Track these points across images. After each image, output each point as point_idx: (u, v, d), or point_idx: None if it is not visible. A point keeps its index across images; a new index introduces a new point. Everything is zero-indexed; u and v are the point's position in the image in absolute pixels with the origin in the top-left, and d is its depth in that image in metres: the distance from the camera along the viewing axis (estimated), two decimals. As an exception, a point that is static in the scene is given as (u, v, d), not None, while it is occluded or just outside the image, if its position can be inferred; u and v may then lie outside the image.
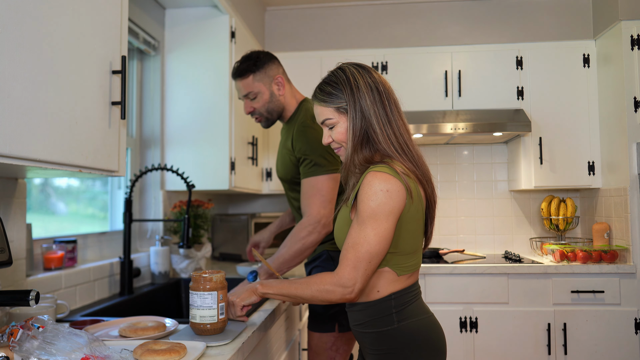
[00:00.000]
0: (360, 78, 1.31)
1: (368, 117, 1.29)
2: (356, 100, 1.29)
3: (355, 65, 1.36)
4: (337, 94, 1.32)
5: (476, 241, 3.57)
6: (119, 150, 1.30)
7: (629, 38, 2.89)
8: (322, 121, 1.36)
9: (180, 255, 2.37)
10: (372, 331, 1.31)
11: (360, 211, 1.24)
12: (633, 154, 2.85)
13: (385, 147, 1.29)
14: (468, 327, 2.91)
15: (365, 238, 1.22)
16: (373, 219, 1.22)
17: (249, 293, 1.39)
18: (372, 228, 1.22)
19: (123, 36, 1.32)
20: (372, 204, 1.22)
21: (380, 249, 1.23)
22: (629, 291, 2.84)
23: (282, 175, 1.94)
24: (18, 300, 1.09)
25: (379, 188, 1.22)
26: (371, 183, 1.23)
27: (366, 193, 1.23)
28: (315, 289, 1.26)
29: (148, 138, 2.51)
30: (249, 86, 1.86)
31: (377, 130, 1.28)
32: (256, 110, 1.89)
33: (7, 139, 0.88)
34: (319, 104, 1.35)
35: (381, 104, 1.30)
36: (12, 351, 0.94)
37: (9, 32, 0.89)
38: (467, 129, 3.06)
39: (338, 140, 1.34)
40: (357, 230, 1.23)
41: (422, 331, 1.30)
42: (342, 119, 1.32)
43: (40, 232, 1.79)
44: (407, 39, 3.47)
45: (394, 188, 1.22)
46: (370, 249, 1.22)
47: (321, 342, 1.85)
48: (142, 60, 2.51)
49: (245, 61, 1.87)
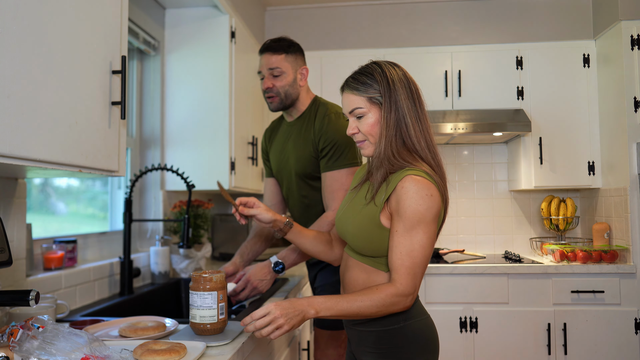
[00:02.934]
0: (395, 73, 1.32)
1: (402, 112, 1.29)
2: (392, 93, 1.29)
3: (389, 62, 1.36)
4: (372, 84, 1.31)
5: (476, 241, 3.57)
6: (119, 150, 1.30)
7: (629, 38, 2.89)
8: (352, 110, 1.33)
9: (180, 255, 2.37)
10: (376, 329, 1.30)
11: (407, 216, 1.22)
12: (633, 154, 2.85)
13: (415, 143, 1.29)
14: (468, 327, 2.91)
15: (420, 244, 1.23)
16: (424, 223, 1.23)
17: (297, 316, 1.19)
18: (424, 232, 1.23)
19: (123, 36, 1.32)
20: (421, 208, 1.22)
21: (431, 251, 1.26)
22: (629, 291, 2.84)
23: (298, 170, 1.89)
24: (18, 300, 1.09)
25: (425, 193, 1.22)
26: (417, 187, 1.23)
27: (412, 197, 1.22)
28: (379, 304, 1.21)
29: (148, 138, 2.51)
30: (278, 62, 1.85)
31: (410, 126, 1.29)
32: (275, 87, 1.86)
33: (7, 139, 0.88)
34: (350, 92, 1.33)
35: (413, 101, 1.31)
36: (12, 351, 0.94)
37: (9, 32, 0.89)
38: (467, 129, 3.06)
39: (365, 132, 1.32)
40: (409, 237, 1.23)
41: (423, 331, 1.31)
42: (373, 110, 1.31)
43: (40, 232, 1.79)
44: (407, 39, 3.47)
45: (435, 193, 1.24)
46: (427, 254, 1.24)
47: (330, 340, 1.86)
48: (142, 60, 2.51)
49: (281, 40, 1.88)
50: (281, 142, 1.97)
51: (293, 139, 1.91)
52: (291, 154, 1.91)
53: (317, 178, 1.86)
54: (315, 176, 1.86)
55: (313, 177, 1.87)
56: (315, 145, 1.81)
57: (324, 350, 1.88)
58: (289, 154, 1.92)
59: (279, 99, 1.87)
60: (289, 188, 1.96)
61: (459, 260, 3.08)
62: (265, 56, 1.87)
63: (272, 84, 1.86)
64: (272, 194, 2.08)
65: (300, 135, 1.88)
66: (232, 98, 2.55)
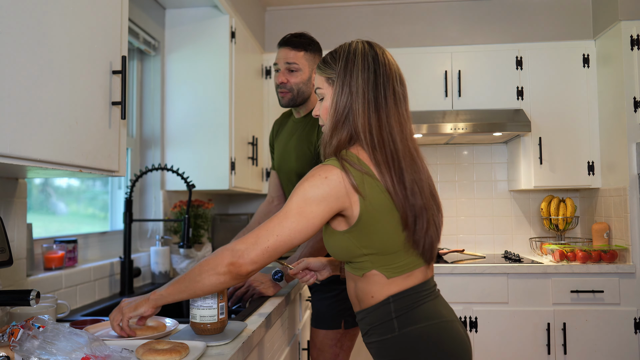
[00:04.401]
0: (361, 54, 1.21)
1: (355, 95, 1.18)
2: (346, 74, 1.20)
3: (367, 42, 1.26)
4: (331, 64, 1.23)
5: (476, 241, 3.57)
6: (119, 150, 1.30)
7: (628, 38, 2.90)
8: (315, 90, 1.29)
9: (180, 255, 2.38)
10: (374, 341, 1.22)
11: (291, 194, 1.16)
12: (632, 154, 2.85)
13: (360, 132, 1.17)
14: (468, 327, 2.91)
15: (285, 214, 1.14)
16: (303, 199, 1.14)
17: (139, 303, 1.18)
18: (297, 207, 1.14)
19: (123, 36, 1.32)
20: (306, 183, 1.15)
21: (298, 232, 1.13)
22: (628, 291, 2.84)
23: (297, 170, 1.90)
24: (18, 300, 1.09)
25: (317, 172, 1.15)
26: (313, 170, 1.17)
27: (305, 176, 1.17)
28: (198, 267, 1.13)
29: (148, 138, 2.51)
30: (297, 58, 1.85)
31: (359, 112, 1.17)
32: (289, 83, 1.86)
33: (8, 139, 0.88)
34: (316, 72, 1.29)
35: (374, 86, 1.19)
36: (13, 351, 0.94)
37: (9, 33, 0.89)
38: (466, 129, 3.07)
39: (321, 115, 1.26)
40: (284, 208, 1.15)
41: (432, 337, 1.16)
42: (329, 91, 1.24)
43: (40, 232, 1.79)
44: (407, 39, 3.47)
45: (334, 178, 1.14)
46: (286, 226, 1.14)
47: (327, 339, 1.86)
48: (142, 61, 2.51)
49: (302, 37, 1.88)
50: (285, 138, 1.98)
51: (297, 137, 1.91)
52: (293, 151, 1.92)
53: None
54: None
55: None
56: (317, 148, 1.82)
57: (319, 349, 1.89)
58: (291, 151, 1.93)
59: (291, 95, 1.87)
60: (288, 185, 1.98)
61: (458, 260, 3.08)
62: (285, 50, 1.87)
63: (286, 79, 1.86)
64: (276, 187, 2.11)
65: (303, 134, 1.89)
66: (232, 98, 2.55)
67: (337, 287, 1.89)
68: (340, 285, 1.89)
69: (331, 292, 1.89)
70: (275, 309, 1.70)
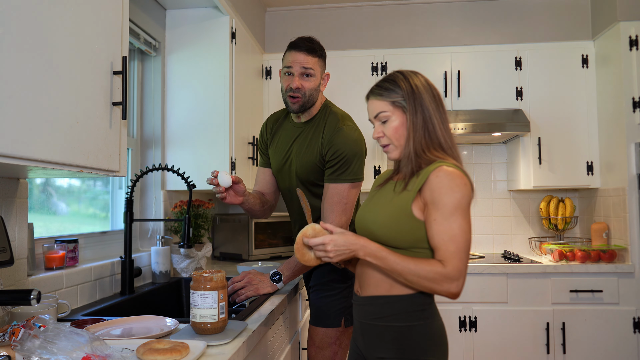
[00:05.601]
0: (417, 79, 1.39)
1: (428, 113, 1.35)
2: (417, 97, 1.35)
3: (411, 70, 1.44)
4: (394, 89, 1.37)
5: (475, 241, 3.58)
6: (120, 151, 1.31)
7: (627, 39, 2.90)
8: (376, 115, 1.39)
9: (181, 254, 2.38)
10: (398, 325, 1.31)
11: (445, 204, 1.26)
12: (631, 154, 2.86)
13: (442, 142, 1.35)
14: (467, 327, 2.92)
15: (461, 228, 1.25)
16: (461, 209, 1.26)
17: (346, 253, 1.29)
18: (463, 218, 1.26)
19: (124, 37, 1.33)
20: (458, 195, 1.26)
21: (471, 238, 1.28)
22: (627, 291, 2.85)
23: (301, 176, 1.90)
24: (19, 299, 1.10)
25: (459, 181, 1.27)
26: (451, 177, 1.27)
27: (447, 185, 1.26)
28: (423, 275, 1.24)
29: (149, 138, 2.52)
30: (313, 63, 1.83)
31: (437, 126, 1.35)
32: (304, 88, 1.83)
33: (9, 139, 0.89)
34: (374, 98, 1.40)
35: (436, 104, 1.37)
36: (14, 350, 0.94)
37: (10, 33, 0.89)
38: (466, 129, 3.07)
39: (389, 135, 1.37)
40: (448, 224, 1.25)
41: (440, 331, 1.35)
42: (397, 113, 1.37)
43: (41, 231, 1.80)
44: (406, 39, 3.48)
45: (467, 182, 1.29)
46: (468, 239, 1.26)
47: (326, 337, 1.87)
48: (142, 61, 2.52)
49: (312, 42, 1.86)
50: (285, 142, 1.96)
51: (299, 143, 1.90)
52: (295, 158, 1.91)
53: (318, 185, 1.88)
54: (316, 184, 1.87)
55: (315, 184, 1.88)
56: (322, 155, 1.82)
57: (319, 347, 1.89)
58: (293, 157, 1.91)
59: (303, 101, 1.84)
60: (290, 190, 1.97)
61: (458, 260, 3.08)
62: (300, 54, 1.82)
63: (301, 84, 1.82)
64: (266, 184, 2.09)
65: (307, 140, 1.88)
66: (233, 98, 2.55)
67: (337, 286, 1.90)
68: (340, 284, 1.90)
69: (331, 291, 1.90)
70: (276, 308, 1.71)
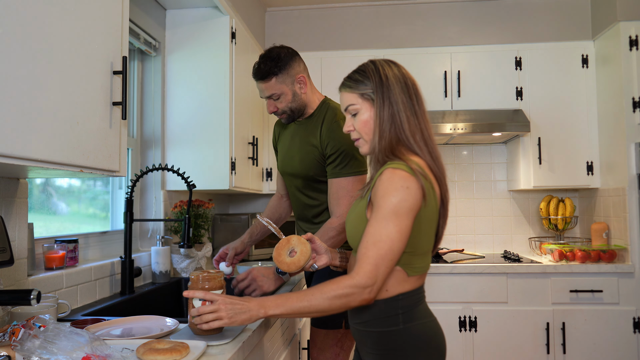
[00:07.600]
0: (389, 69, 1.33)
1: (396, 106, 1.29)
2: (385, 89, 1.30)
3: (385, 59, 1.38)
4: (364, 81, 1.32)
5: (475, 241, 3.58)
6: (120, 151, 1.31)
7: (627, 39, 2.90)
8: (346, 107, 1.35)
9: (181, 254, 2.38)
10: (376, 330, 1.28)
11: (380, 207, 1.20)
12: (631, 154, 2.86)
13: (409, 136, 1.29)
14: (467, 327, 2.92)
15: (388, 235, 1.18)
16: (395, 215, 1.18)
17: (243, 313, 1.19)
18: (395, 225, 1.18)
19: (124, 37, 1.33)
20: (394, 199, 1.19)
21: (401, 246, 1.20)
22: (627, 290, 2.85)
23: (301, 172, 1.90)
24: (19, 299, 1.10)
25: (400, 184, 1.20)
26: (391, 179, 1.21)
27: (386, 189, 1.20)
28: (332, 296, 1.17)
29: (149, 138, 2.52)
30: (271, 88, 1.81)
31: (404, 119, 1.29)
32: (279, 109, 1.86)
33: (9, 139, 0.89)
34: (344, 90, 1.35)
35: (408, 95, 1.31)
36: (14, 350, 0.94)
37: (10, 33, 0.90)
38: (466, 129, 3.07)
39: (359, 129, 1.33)
40: (378, 227, 1.19)
41: (427, 334, 1.27)
42: (365, 106, 1.32)
43: (41, 231, 1.80)
44: (406, 39, 3.48)
45: (413, 186, 1.21)
46: (394, 248, 1.18)
47: (327, 339, 1.86)
48: (142, 61, 2.52)
49: (266, 61, 1.79)
50: (288, 140, 1.98)
51: (299, 140, 1.91)
52: (296, 154, 1.92)
53: (319, 181, 1.88)
54: (317, 179, 1.87)
55: (316, 180, 1.88)
56: (321, 150, 1.82)
57: (320, 348, 1.89)
58: (294, 153, 1.93)
59: (287, 115, 1.88)
60: (292, 186, 1.98)
61: (458, 260, 3.08)
62: (259, 83, 1.84)
63: (275, 107, 1.86)
64: (282, 186, 2.16)
65: (306, 136, 1.89)
66: (233, 98, 2.55)
67: None
68: None
69: None
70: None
